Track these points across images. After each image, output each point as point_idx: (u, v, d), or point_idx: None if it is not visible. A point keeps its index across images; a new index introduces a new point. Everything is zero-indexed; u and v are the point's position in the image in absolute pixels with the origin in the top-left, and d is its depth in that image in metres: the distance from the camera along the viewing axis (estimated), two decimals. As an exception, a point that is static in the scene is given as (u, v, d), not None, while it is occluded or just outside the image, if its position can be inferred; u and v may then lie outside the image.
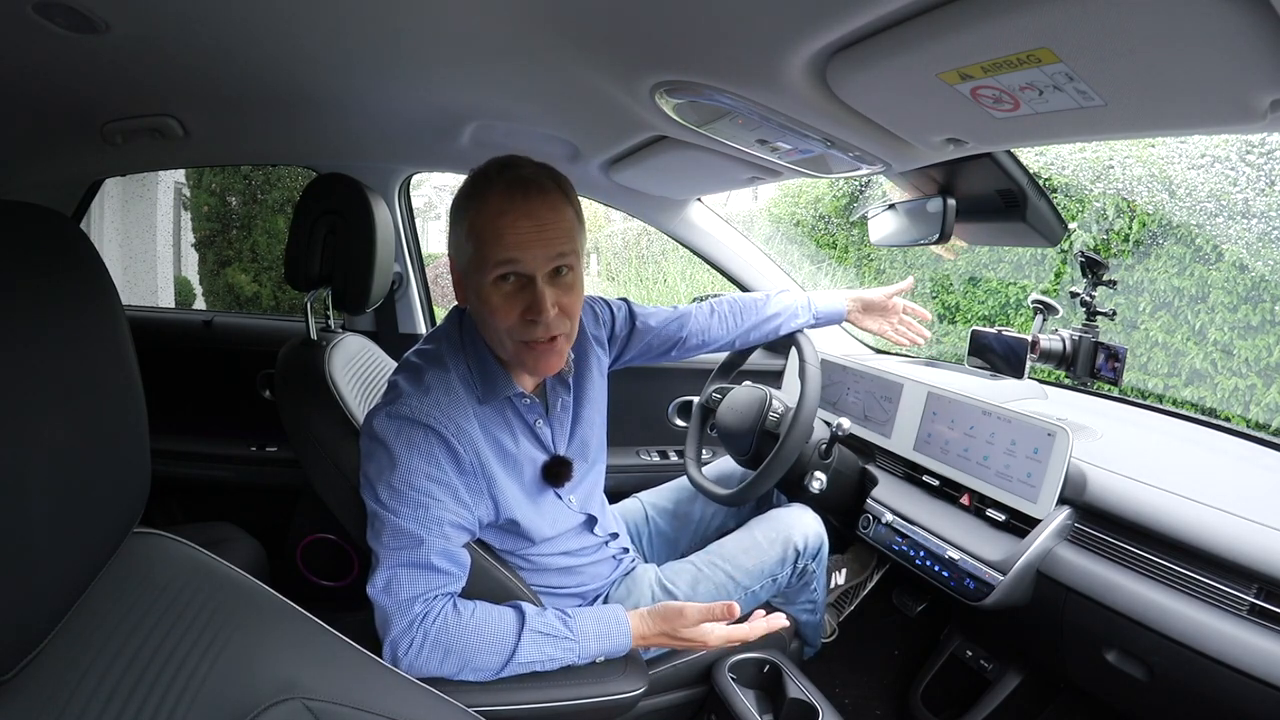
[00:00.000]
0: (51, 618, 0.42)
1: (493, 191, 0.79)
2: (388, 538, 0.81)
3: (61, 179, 1.59)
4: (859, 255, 4.82)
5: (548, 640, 0.85)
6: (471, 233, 0.80)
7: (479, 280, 0.81)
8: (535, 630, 0.84)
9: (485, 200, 0.79)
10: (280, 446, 1.76)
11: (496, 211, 0.78)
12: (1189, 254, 3.09)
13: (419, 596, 0.80)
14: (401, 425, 0.82)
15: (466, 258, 0.82)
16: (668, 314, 1.23)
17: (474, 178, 0.82)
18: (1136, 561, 0.93)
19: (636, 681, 0.91)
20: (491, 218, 0.78)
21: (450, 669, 0.80)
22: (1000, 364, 1.40)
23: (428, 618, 0.80)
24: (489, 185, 0.79)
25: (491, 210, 0.78)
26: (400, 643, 0.79)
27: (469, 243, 0.80)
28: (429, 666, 0.79)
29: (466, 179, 0.83)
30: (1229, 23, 0.47)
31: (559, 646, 0.85)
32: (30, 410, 0.39)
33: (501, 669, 0.82)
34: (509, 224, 0.77)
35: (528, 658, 0.83)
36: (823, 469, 1.27)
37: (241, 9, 0.78)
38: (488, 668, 0.82)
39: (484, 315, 0.83)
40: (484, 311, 0.82)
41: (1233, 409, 2.97)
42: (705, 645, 0.91)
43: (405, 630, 0.79)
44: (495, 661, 0.82)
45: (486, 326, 0.85)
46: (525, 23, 0.78)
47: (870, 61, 0.66)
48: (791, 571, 1.15)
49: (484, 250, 0.79)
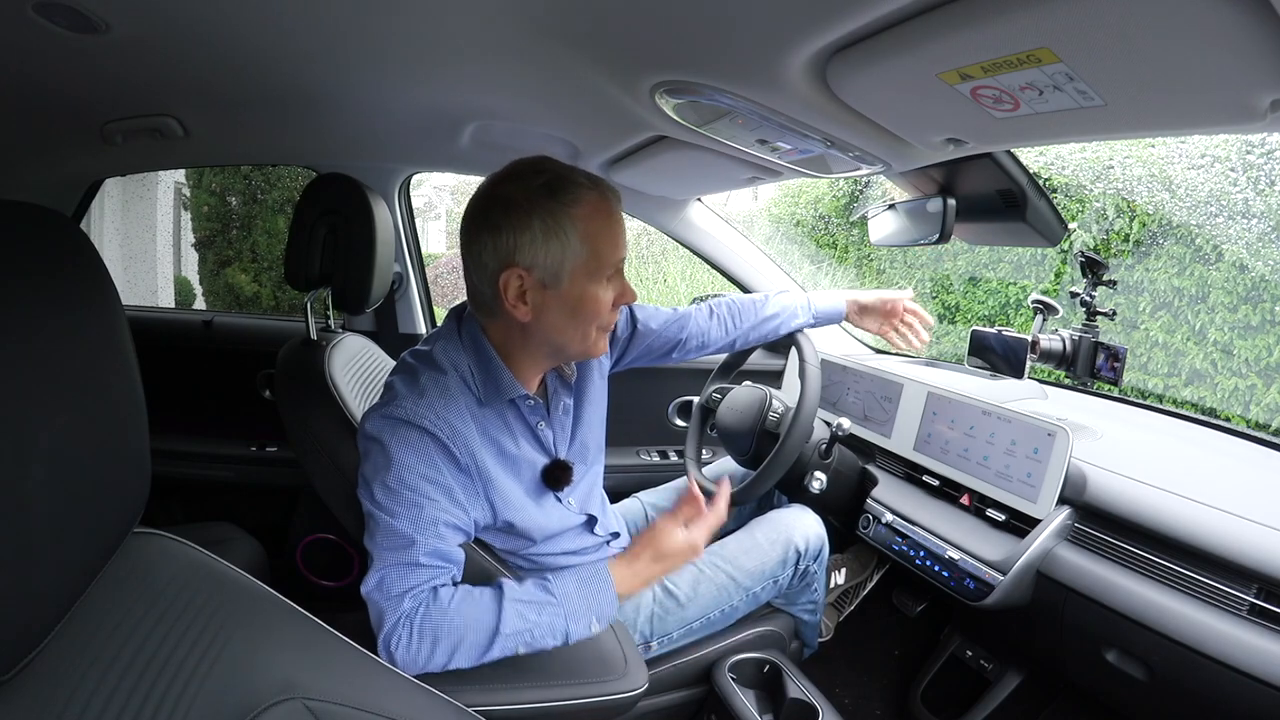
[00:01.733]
0: (51, 618, 0.42)
1: (590, 198, 0.82)
2: (381, 537, 0.80)
3: (61, 179, 1.59)
4: (859, 255, 4.82)
5: (529, 607, 0.83)
6: (586, 237, 0.82)
7: (588, 280, 0.84)
8: (515, 600, 0.83)
9: (592, 205, 0.82)
10: (280, 446, 1.76)
11: (606, 214, 0.84)
12: (1189, 254, 3.09)
13: (408, 591, 0.80)
14: (396, 426, 0.82)
15: (576, 261, 0.82)
16: (668, 315, 1.22)
17: (559, 185, 0.82)
18: (1136, 561, 0.93)
19: (636, 681, 0.91)
20: (604, 220, 0.83)
21: (442, 657, 0.79)
22: (1000, 364, 1.40)
23: (416, 612, 0.79)
24: (582, 190, 0.82)
25: (601, 213, 0.83)
26: (391, 638, 0.78)
27: (584, 246, 0.82)
28: (421, 658, 0.78)
29: (544, 185, 0.81)
30: (1229, 23, 0.47)
31: (542, 611, 0.83)
32: (30, 410, 0.39)
33: (489, 645, 0.80)
34: (617, 225, 0.86)
35: (512, 628, 0.81)
36: (823, 469, 1.27)
37: (242, 9, 0.78)
38: (477, 647, 0.80)
39: (585, 313, 0.85)
40: (589, 309, 0.85)
41: (1233, 409, 2.97)
42: (696, 550, 0.93)
43: (394, 626, 0.78)
44: (482, 639, 0.80)
45: (578, 324, 0.86)
46: (525, 23, 0.78)
47: (870, 61, 0.66)
48: (793, 573, 1.15)
49: (602, 252, 0.84)
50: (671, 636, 1.07)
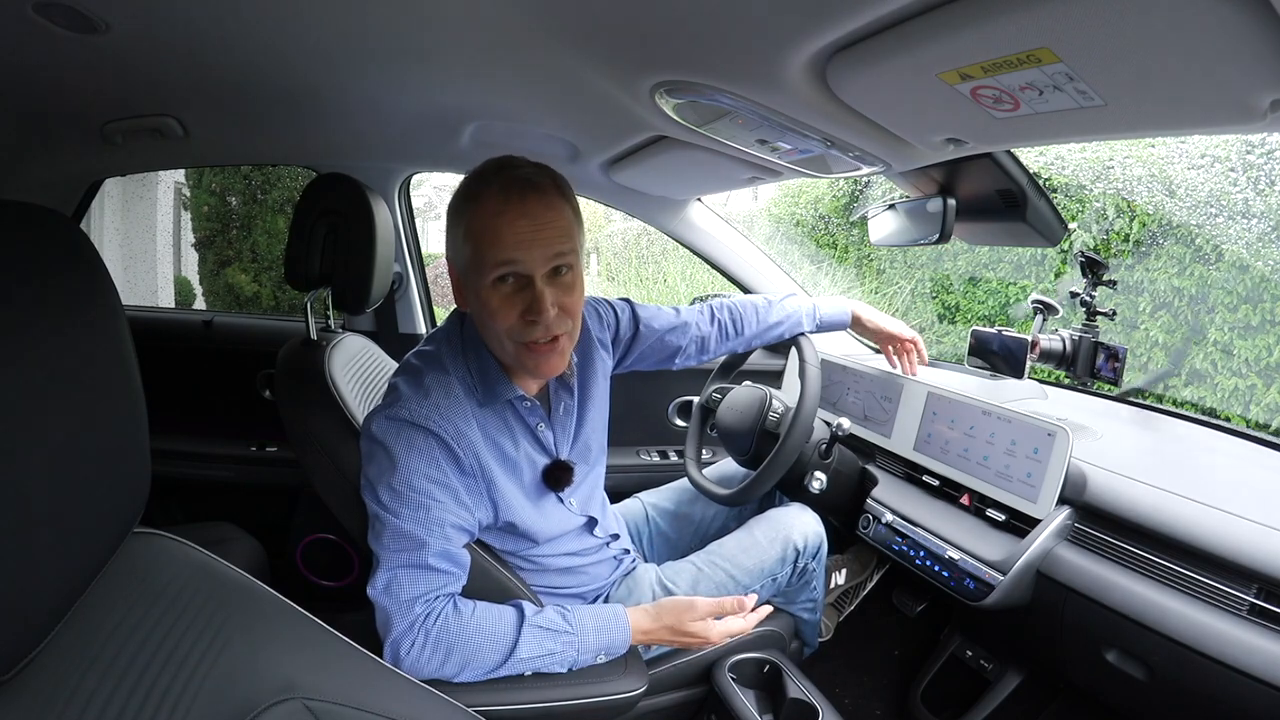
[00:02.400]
0: (51, 618, 0.42)
1: (489, 192, 0.78)
2: (388, 539, 0.81)
3: (61, 179, 1.59)
4: (859, 255, 4.82)
5: (547, 635, 0.84)
6: (469, 234, 0.79)
7: (478, 282, 0.80)
8: (535, 625, 0.84)
9: (482, 201, 0.79)
10: (280, 446, 1.76)
11: (493, 212, 0.78)
12: (1189, 254, 3.09)
13: (420, 597, 0.80)
14: (401, 428, 0.82)
15: (465, 260, 0.82)
16: (670, 318, 1.22)
17: (470, 179, 0.82)
18: (1136, 561, 0.93)
19: (636, 681, 0.91)
20: (488, 218, 0.78)
21: (451, 669, 0.80)
22: (1000, 364, 1.40)
23: (429, 618, 0.80)
24: (485, 186, 0.79)
25: (488, 211, 0.78)
26: (402, 643, 0.78)
27: (466, 244, 0.80)
28: (430, 666, 0.79)
29: (463, 180, 0.83)
30: (1229, 23, 0.47)
31: (558, 641, 0.85)
32: (30, 410, 0.39)
33: (501, 665, 0.82)
34: (506, 224, 0.77)
35: (528, 653, 0.82)
36: (823, 469, 1.27)
37: (242, 9, 0.78)
38: (488, 665, 0.81)
39: (484, 318, 0.83)
40: (484, 314, 0.82)
41: (1233, 409, 2.97)
42: (708, 641, 0.91)
43: (406, 631, 0.79)
44: (495, 659, 0.81)
45: (487, 329, 0.84)
46: (525, 23, 0.78)
47: (870, 61, 0.66)
48: (792, 571, 1.15)
49: (482, 251, 0.79)
50: (671, 636, 1.08)
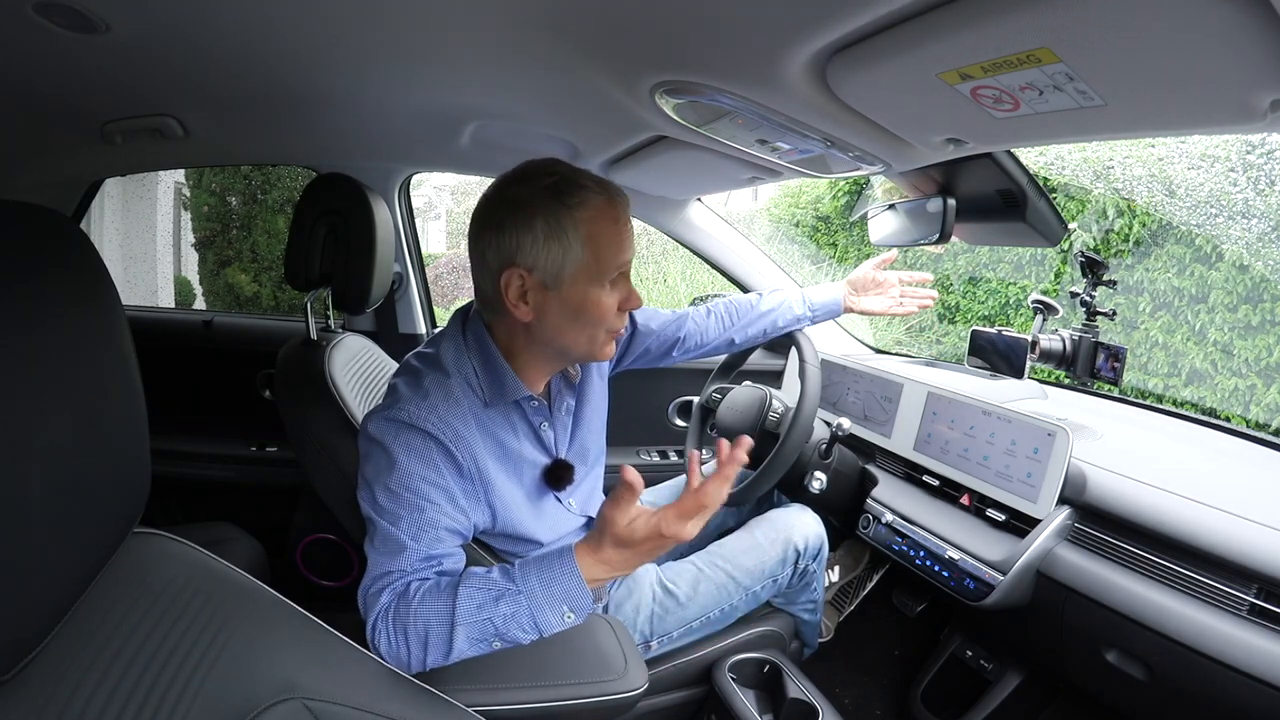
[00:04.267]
0: (51, 618, 0.42)
1: (595, 198, 0.82)
2: (379, 540, 0.80)
3: (61, 179, 1.59)
4: (859, 256, 4.82)
5: (488, 595, 0.76)
6: (589, 240, 0.81)
7: (590, 284, 0.83)
8: (472, 587, 0.77)
9: (597, 208, 0.82)
10: (280, 446, 1.76)
11: (612, 218, 0.83)
12: (1189, 254, 3.09)
13: (385, 588, 0.78)
14: (399, 429, 0.81)
15: (578, 264, 0.82)
16: (667, 316, 1.23)
17: (564, 187, 0.81)
18: (1136, 561, 0.93)
19: (636, 681, 0.91)
20: (608, 224, 0.82)
21: (416, 650, 0.76)
22: (1000, 364, 1.40)
23: (391, 605, 0.77)
24: (587, 193, 0.81)
25: (606, 217, 0.82)
26: (373, 635, 0.77)
27: (586, 250, 0.81)
28: (400, 653, 0.76)
29: (546, 188, 0.81)
30: (1229, 23, 0.47)
31: (501, 600, 0.76)
32: (30, 410, 0.39)
33: (451, 636, 0.75)
34: (623, 228, 0.85)
35: (470, 616, 0.75)
36: (823, 469, 1.27)
37: (242, 9, 0.78)
38: (441, 639, 0.76)
39: (589, 316, 0.85)
40: (591, 313, 0.84)
41: (1233, 409, 2.97)
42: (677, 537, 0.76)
43: (372, 626, 0.77)
44: (444, 630, 0.76)
45: (582, 327, 0.86)
46: (525, 23, 0.78)
47: (870, 61, 0.66)
48: (792, 572, 1.15)
49: (605, 254, 0.83)
50: (671, 636, 1.07)
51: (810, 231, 5.06)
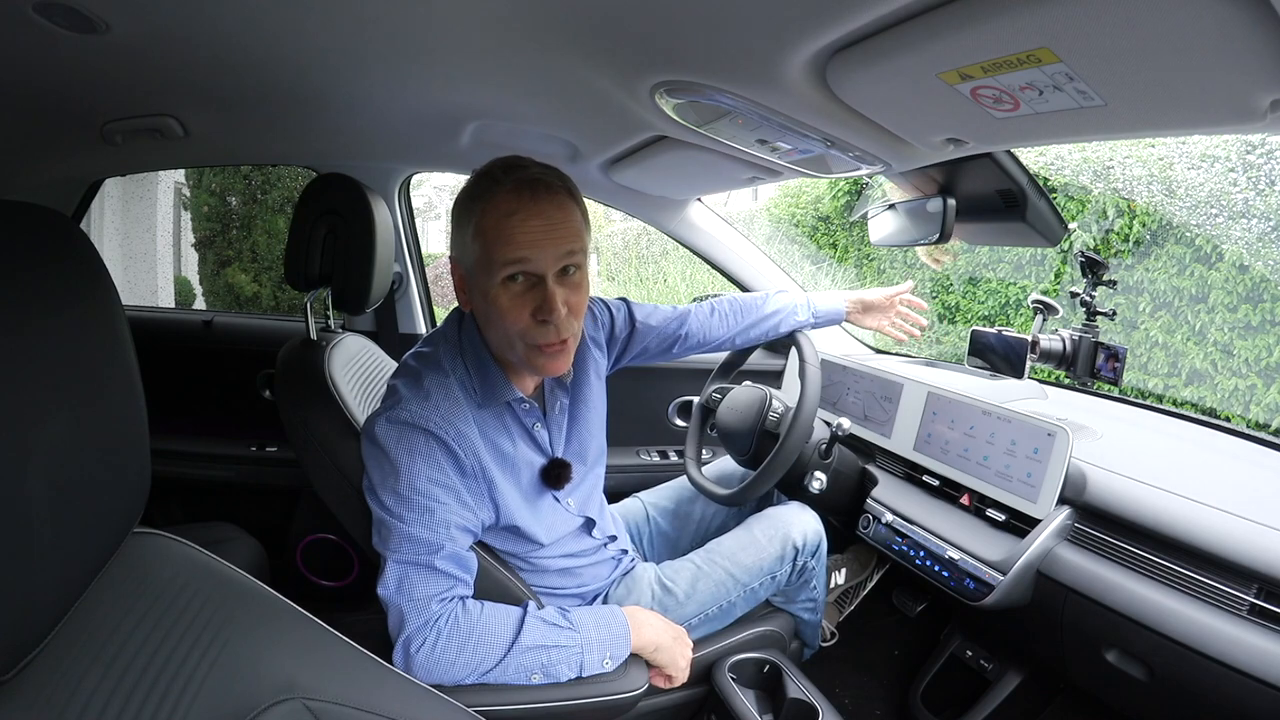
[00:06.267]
0: (51, 618, 0.42)
1: (500, 191, 0.79)
2: (395, 543, 0.81)
3: (61, 179, 1.59)
4: (859, 255, 4.82)
5: (550, 628, 0.86)
6: (479, 233, 0.79)
7: (487, 281, 0.80)
8: (538, 617, 0.86)
9: (493, 200, 0.79)
10: (280, 446, 1.76)
11: (506, 211, 0.78)
12: (1189, 254, 3.09)
13: (435, 596, 0.81)
14: (403, 431, 0.82)
15: (473, 259, 0.81)
16: (668, 313, 1.23)
17: (479, 178, 0.82)
18: (1136, 561, 0.93)
19: (636, 681, 0.91)
20: (501, 218, 0.78)
21: (461, 669, 0.80)
22: (1000, 364, 1.40)
23: (442, 618, 0.80)
24: (496, 185, 0.79)
25: (500, 210, 0.78)
26: (414, 640, 0.78)
27: (476, 243, 0.80)
28: (442, 663, 0.79)
29: (470, 179, 0.83)
30: (1229, 23, 0.47)
31: (560, 635, 0.86)
32: (30, 410, 0.39)
33: (505, 657, 0.82)
34: (519, 223, 0.78)
35: (531, 641, 0.83)
36: (823, 469, 1.27)
37: (242, 9, 0.78)
38: (494, 659, 0.82)
39: (492, 318, 0.82)
40: (493, 314, 0.82)
41: (1233, 409, 2.97)
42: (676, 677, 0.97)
43: (420, 629, 0.79)
44: (499, 651, 0.82)
45: (495, 329, 0.84)
46: (525, 23, 0.78)
47: (870, 61, 0.66)
48: (791, 569, 1.15)
49: (492, 250, 0.79)
50: (671, 635, 1.08)
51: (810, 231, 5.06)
